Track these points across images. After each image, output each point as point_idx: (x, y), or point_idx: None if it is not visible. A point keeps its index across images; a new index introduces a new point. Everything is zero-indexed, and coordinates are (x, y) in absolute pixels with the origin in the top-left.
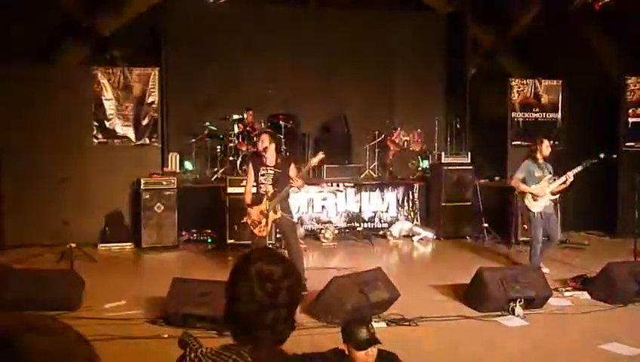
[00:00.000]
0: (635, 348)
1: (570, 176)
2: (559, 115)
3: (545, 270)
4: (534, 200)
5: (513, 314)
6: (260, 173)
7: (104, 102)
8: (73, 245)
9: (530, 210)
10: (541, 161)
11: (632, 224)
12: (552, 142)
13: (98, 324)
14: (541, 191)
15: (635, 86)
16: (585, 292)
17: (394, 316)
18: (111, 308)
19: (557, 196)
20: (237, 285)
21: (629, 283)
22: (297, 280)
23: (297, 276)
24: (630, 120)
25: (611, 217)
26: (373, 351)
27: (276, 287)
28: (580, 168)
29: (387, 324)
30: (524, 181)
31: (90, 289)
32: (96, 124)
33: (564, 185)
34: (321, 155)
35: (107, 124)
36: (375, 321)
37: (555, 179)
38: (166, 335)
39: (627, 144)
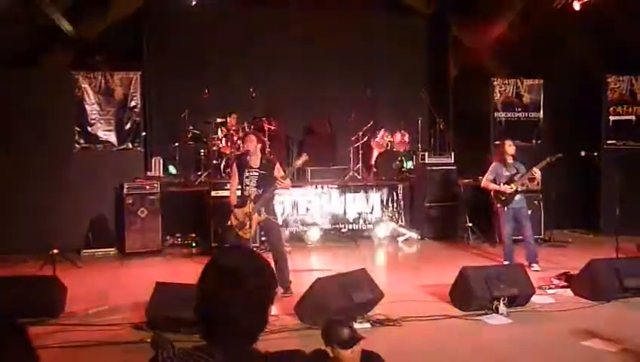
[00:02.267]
0: (618, 344)
1: (535, 171)
2: (541, 114)
3: (536, 268)
4: (503, 197)
5: (497, 312)
6: (244, 175)
7: (86, 106)
8: (56, 251)
9: (499, 207)
10: (510, 161)
11: (614, 221)
12: (537, 141)
13: (80, 330)
14: (509, 189)
15: (616, 84)
16: (568, 290)
17: (378, 316)
18: (94, 314)
19: (523, 190)
20: (207, 282)
21: (611, 280)
22: (269, 277)
23: (269, 273)
24: (611, 118)
25: (594, 215)
26: (358, 348)
27: (247, 283)
28: (544, 163)
29: (371, 325)
30: (494, 181)
31: (73, 295)
32: (78, 128)
33: (533, 181)
34: (304, 157)
35: (89, 128)
36: (359, 322)
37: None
38: (149, 340)
39: (608, 142)
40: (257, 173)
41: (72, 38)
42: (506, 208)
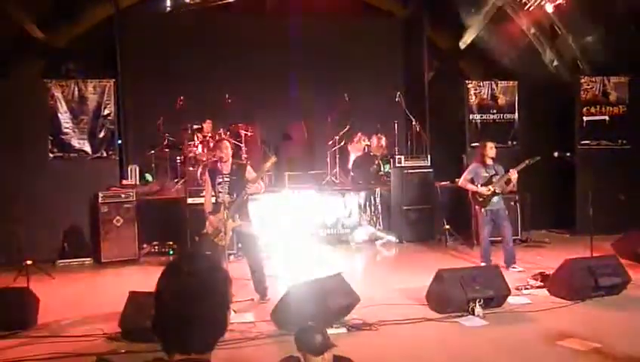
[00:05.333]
0: (592, 343)
1: (513, 172)
2: (516, 116)
3: (518, 269)
4: (481, 198)
5: (473, 314)
6: (216, 182)
7: (59, 115)
8: (29, 262)
9: (478, 209)
10: (489, 162)
11: (589, 221)
12: (512, 142)
13: (53, 342)
14: (487, 191)
15: (589, 85)
16: (544, 290)
17: (355, 321)
18: (66, 326)
19: (501, 193)
20: (164, 285)
21: (586, 279)
22: (225, 281)
23: (225, 277)
24: (585, 118)
25: (571, 215)
26: (329, 355)
27: (204, 286)
28: (522, 165)
29: (348, 330)
30: (472, 182)
31: (46, 306)
32: (51, 138)
33: (510, 183)
34: (273, 159)
35: (63, 137)
36: (336, 327)
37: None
38: (123, 351)
39: (582, 142)
40: (229, 179)
41: (44, 47)
42: (483, 210)
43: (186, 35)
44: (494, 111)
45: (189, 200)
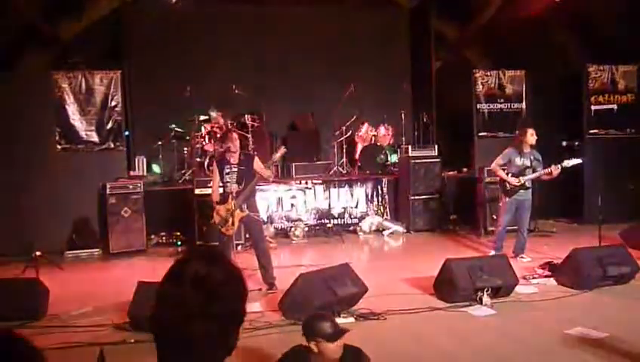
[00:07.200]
0: (601, 332)
1: (555, 170)
2: (523, 105)
3: (527, 259)
4: (508, 187)
5: (481, 303)
6: (225, 172)
7: (66, 107)
8: (38, 253)
9: (503, 196)
10: (526, 150)
11: (597, 210)
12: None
13: (63, 332)
14: (516, 182)
15: (597, 74)
16: (552, 279)
17: (362, 310)
18: (76, 316)
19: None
20: (168, 285)
21: (594, 268)
22: (240, 291)
23: (241, 285)
24: (593, 107)
25: (578, 204)
26: (341, 342)
27: (213, 294)
28: (560, 167)
29: (355, 319)
30: (504, 167)
31: (56, 297)
32: (58, 129)
33: (547, 176)
34: (283, 149)
35: (70, 129)
36: (344, 316)
37: (536, 170)
38: (132, 340)
39: (590, 131)
40: (237, 169)
41: (50, 39)
42: (508, 199)
43: (191, 25)
44: (502, 100)
45: (197, 191)
